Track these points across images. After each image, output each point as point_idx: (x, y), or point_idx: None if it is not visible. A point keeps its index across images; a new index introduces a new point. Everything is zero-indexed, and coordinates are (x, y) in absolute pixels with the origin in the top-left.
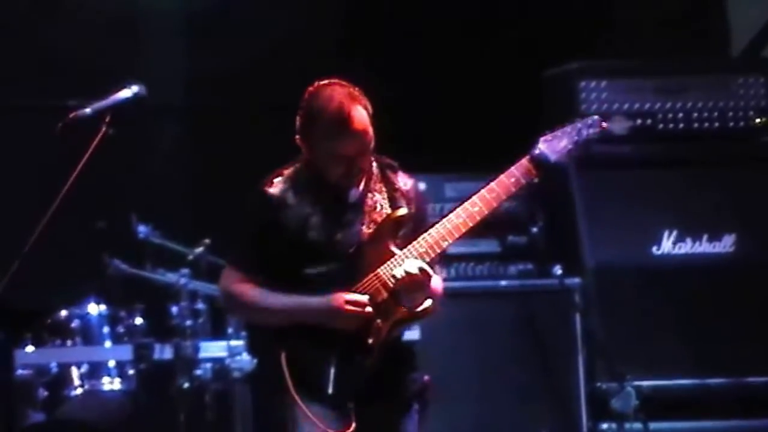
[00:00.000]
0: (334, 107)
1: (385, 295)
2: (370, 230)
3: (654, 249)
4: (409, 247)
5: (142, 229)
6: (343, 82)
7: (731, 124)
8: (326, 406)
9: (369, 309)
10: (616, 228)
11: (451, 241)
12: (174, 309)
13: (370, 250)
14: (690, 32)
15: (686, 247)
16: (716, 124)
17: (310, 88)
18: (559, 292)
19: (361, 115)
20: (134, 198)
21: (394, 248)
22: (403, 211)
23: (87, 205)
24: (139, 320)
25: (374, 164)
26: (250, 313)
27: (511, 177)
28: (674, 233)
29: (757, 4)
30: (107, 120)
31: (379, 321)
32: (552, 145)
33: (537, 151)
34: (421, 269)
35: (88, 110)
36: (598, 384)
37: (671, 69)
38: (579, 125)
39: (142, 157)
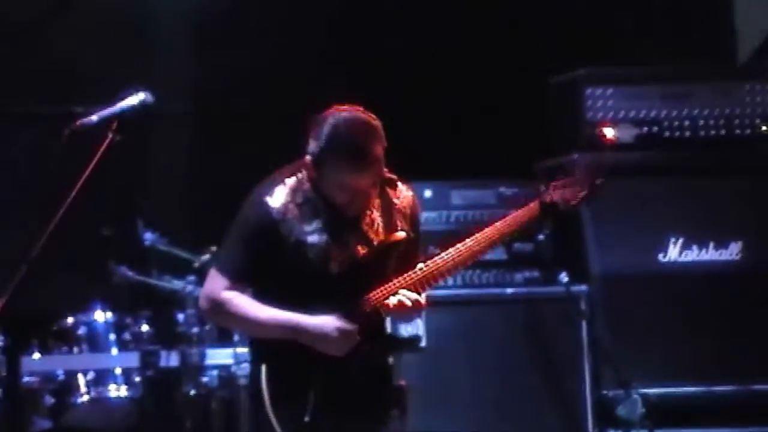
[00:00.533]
0: (352, 141)
1: (374, 320)
2: (366, 251)
3: (660, 256)
4: (406, 275)
5: (148, 236)
6: (363, 112)
7: (737, 131)
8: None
9: (357, 338)
10: (623, 235)
11: (447, 278)
12: (180, 316)
13: (365, 270)
14: (696, 39)
15: (692, 255)
16: (722, 131)
17: (330, 115)
18: (566, 300)
19: (377, 151)
20: (140, 205)
21: (388, 271)
22: (401, 234)
23: (93, 212)
24: (145, 327)
25: None
26: (236, 322)
27: (519, 219)
28: (680, 240)
29: (764, 11)
30: (114, 127)
31: (365, 345)
32: (563, 194)
33: (548, 199)
34: (415, 301)
35: (94, 117)
36: (605, 391)
37: (677, 76)
38: (588, 172)
39: (148, 164)
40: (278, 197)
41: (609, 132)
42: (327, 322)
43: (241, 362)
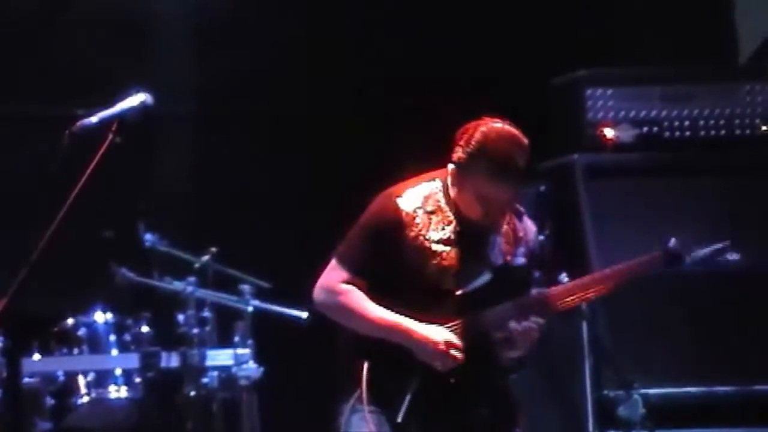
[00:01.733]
0: (505, 154)
1: (483, 341)
2: (486, 273)
3: None
4: (524, 299)
5: (148, 238)
6: (512, 125)
7: (738, 131)
8: (389, 428)
9: (460, 355)
10: (623, 235)
11: (562, 309)
12: (181, 317)
13: (481, 289)
14: (697, 40)
15: None
16: (723, 132)
17: (481, 124)
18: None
19: (523, 167)
20: (141, 206)
21: (503, 295)
22: (521, 261)
23: (94, 214)
24: (145, 328)
25: None
26: (346, 316)
27: (641, 264)
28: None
29: (764, 12)
30: (114, 129)
31: (468, 364)
32: (687, 246)
33: (673, 249)
34: (539, 325)
35: (94, 119)
36: (605, 392)
37: (678, 77)
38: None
39: (148, 165)
40: (409, 201)
41: (609, 132)
42: (436, 332)
43: (241, 363)
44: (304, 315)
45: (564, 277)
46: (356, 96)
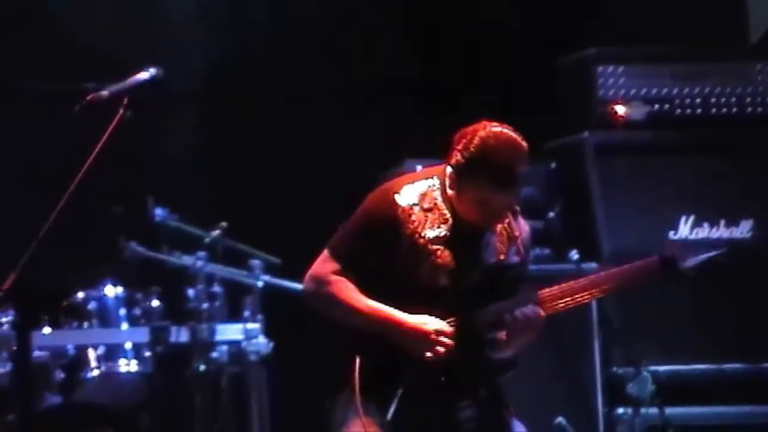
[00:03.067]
0: (501, 159)
1: (475, 336)
2: (480, 270)
3: (671, 234)
4: (518, 297)
5: (158, 212)
6: (513, 130)
7: (749, 109)
8: (379, 426)
9: (451, 342)
10: (633, 213)
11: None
12: (190, 292)
13: (474, 288)
14: (708, 18)
15: (703, 233)
16: (734, 110)
17: (480, 129)
18: (576, 278)
19: (522, 174)
20: (151, 181)
21: (496, 294)
22: (514, 260)
23: (104, 188)
24: (155, 303)
25: None
26: (335, 307)
27: (636, 269)
28: (691, 218)
29: None
30: (124, 103)
31: (459, 356)
32: (682, 252)
33: (669, 254)
34: (538, 315)
35: (105, 93)
36: (614, 369)
37: (689, 55)
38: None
39: (158, 140)
40: (406, 197)
41: (620, 110)
42: (426, 321)
43: (250, 338)
44: None
45: (574, 254)
46: (365, 73)
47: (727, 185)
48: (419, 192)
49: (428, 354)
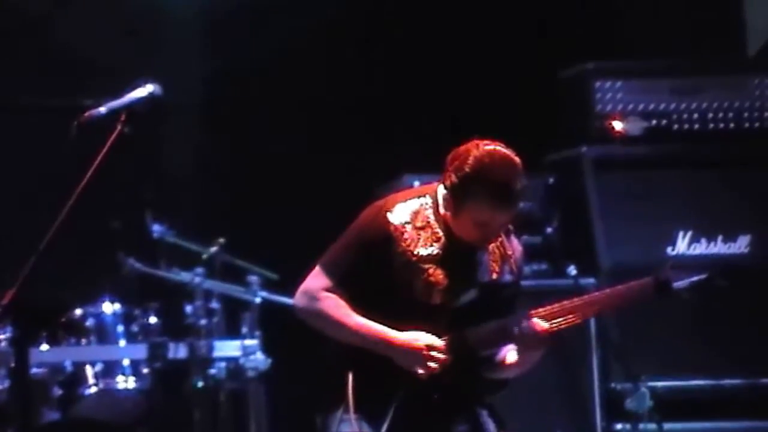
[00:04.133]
0: (500, 179)
1: (468, 353)
2: (473, 291)
3: (669, 249)
4: (509, 319)
5: (156, 228)
6: (505, 147)
7: (747, 124)
8: None
9: (443, 357)
10: (631, 228)
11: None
12: (188, 308)
13: (467, 307)
14: (706, 32)
15: (701, 248)
16: (732, 125)
17: (474, 148)
18: (574, 292)
19: (519, 193)
20: (149, 197)
21: (489, 313)
22: (508, 279)
23: (102, 204)
24: (153, 319)
25: None
26: (326, 323)
27: (631, 290)
28: (689, 233)
29: None
30: (122, 119)
31: (451, 374)
32: (676, 274)
33: (662, 277)
34: (548, 332)
35: (102, 109)
36: (613, 384)
37: (687, 69)
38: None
39: (156, 156)
40: (399, 215)
41: (618, 125)
42: (417, 336)
43: (249, 354)
44: None
45: (572, 269)
46: (364, 86)
47: (725, 200)
48: (411, 210)
49: (420, 371)
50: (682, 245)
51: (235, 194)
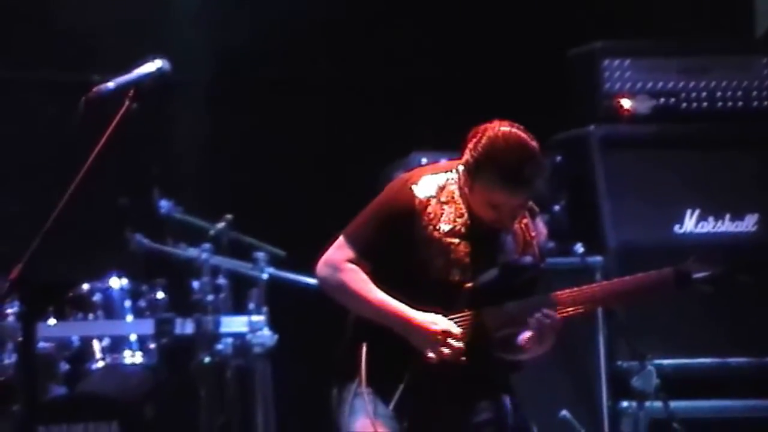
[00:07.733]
0: (510, 160)
1: (483, 336)
2: (493, 270)
3: (676, 228)
4: (530, 300)
5: (164, 204)
6: (523, 130)
7: (755, 103)
8: (387, 425)
9: (458, 345)
10: (638, 207)
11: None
12: (195, 284)
13: (487, 287)
14: (714, 11)
15: (708, 227)
16: (739, 104)
17: (489, 129)
18: (581, 271)
19: (532, 172)
20: (156, 173)
21: (508, 294)
22: (529, 261)
23: (109, 180)
24: (160, 295)
25: None
26: (346, 294)
27: (650, 279)
28: (696, 212)
29: None
30: (130, 95)
31: (466, 357)
32: (698, 266)
33: (684, 269)
34: (555, 319)
35: (111, 85)
36: (619, 363)
37: (695, 48)
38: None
39: (164, 132)
40: (424, 188)
41: (626, 104)
42: (436, 320)
43: (255, 330)
44: None
45: (579, 248)
46: (376, 63)
47: (733, 179)
48: (438, 184)
49: (431, 354)
50: (689, 224)
51: (243, 171)
